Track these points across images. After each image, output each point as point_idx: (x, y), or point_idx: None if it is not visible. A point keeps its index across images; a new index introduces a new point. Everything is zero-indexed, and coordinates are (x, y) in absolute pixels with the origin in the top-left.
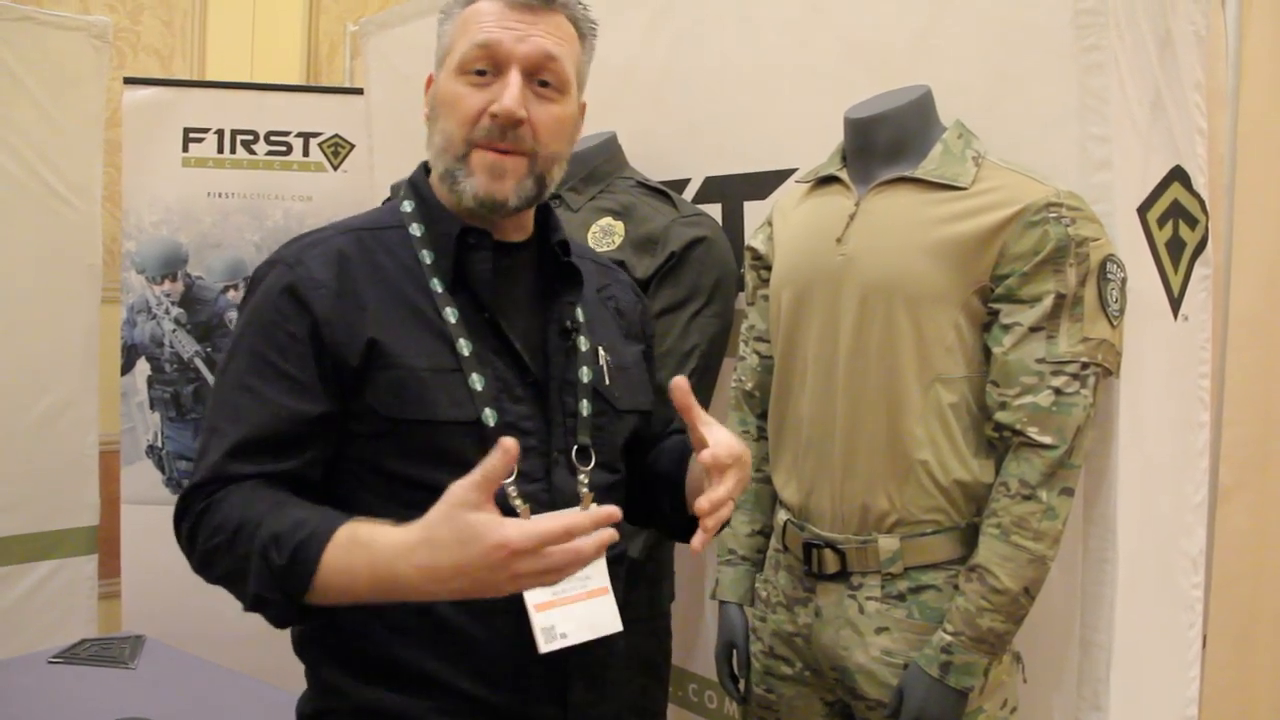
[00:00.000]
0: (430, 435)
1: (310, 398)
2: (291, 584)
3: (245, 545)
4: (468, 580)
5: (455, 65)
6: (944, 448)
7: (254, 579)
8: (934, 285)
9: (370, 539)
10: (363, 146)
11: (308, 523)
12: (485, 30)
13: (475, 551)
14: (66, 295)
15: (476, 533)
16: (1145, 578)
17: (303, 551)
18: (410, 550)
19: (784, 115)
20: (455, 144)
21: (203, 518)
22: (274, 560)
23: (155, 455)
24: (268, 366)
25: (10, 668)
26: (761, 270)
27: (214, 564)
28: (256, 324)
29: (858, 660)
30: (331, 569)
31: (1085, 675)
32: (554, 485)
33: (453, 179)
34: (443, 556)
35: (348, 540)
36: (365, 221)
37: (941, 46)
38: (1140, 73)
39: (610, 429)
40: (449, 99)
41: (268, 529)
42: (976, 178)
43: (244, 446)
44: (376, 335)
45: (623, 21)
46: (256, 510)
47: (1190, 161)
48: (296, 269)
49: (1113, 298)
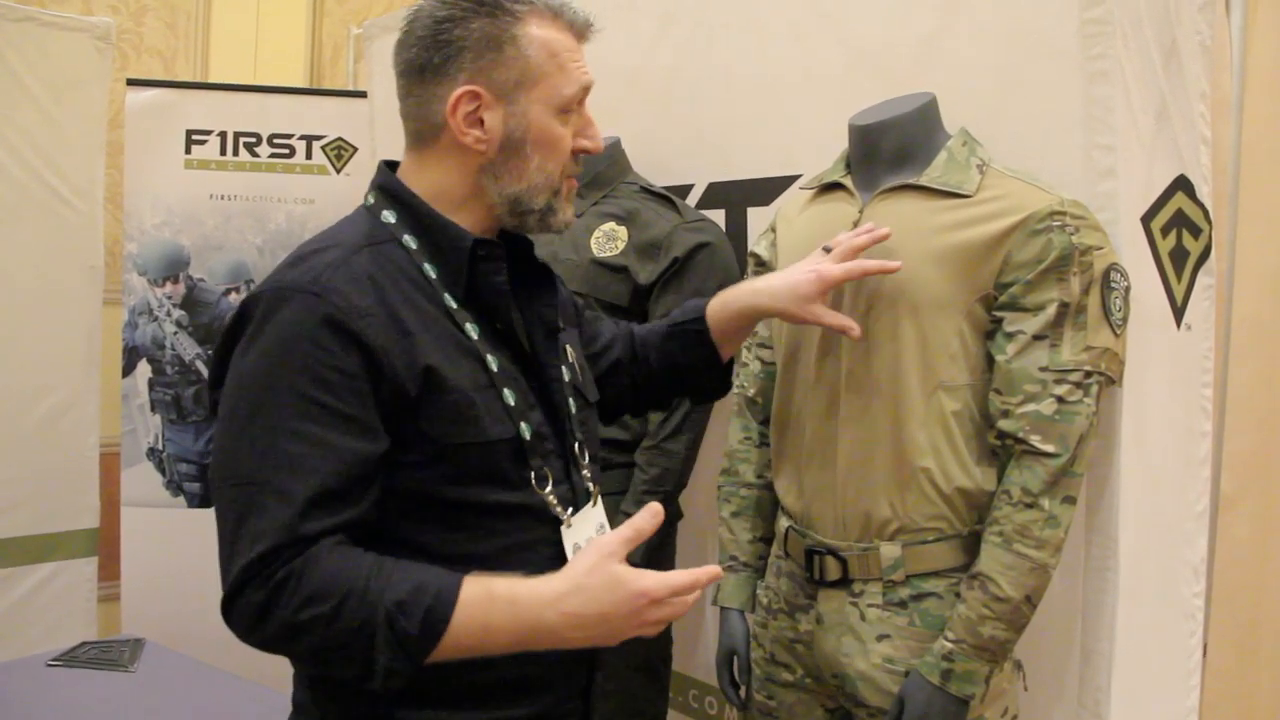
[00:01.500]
0: (480, 456)
1: (374, 436)
2: (422, 650)
3: (359, 615)
4: (607, 626)
5: (557, 104)
6: (946, 455)
7: (383, 651)
8: (937, 292)
9: (511, 593)
10: (365, 150)
11: (428, 585)
12: (584, 75)
13: (620, 598)
14: (68, 297)
15: (623, 581)
16: (1147, 586)
17: (433, 615)
18: (559, 598)
19: (788, 121)
20: (555, 181)
21: (286, 585)
22: (403, 628)
23: (156, 458)
24: (321, 409)
25: (9, 671)
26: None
27: (305, 635)
28: (293, 363)
29: (859, 667)
30: (464, 627)
31: (1086, 683)
32: (573, 486)
33: (549, 212)
34: (591, 604)
35: (484, 596)
36: (361, 237)
37: (946, 54)
38: (1145, 82)
39: (590, 423)
40: (551, 139)
41: (389, 597)
42: (981, 185)
43: (318, 501)
44: (430, 360)
45: (628, 27)
46: (358, 576)
47: (1194, 171)
48: (331, 297)
49: (1116, 306)
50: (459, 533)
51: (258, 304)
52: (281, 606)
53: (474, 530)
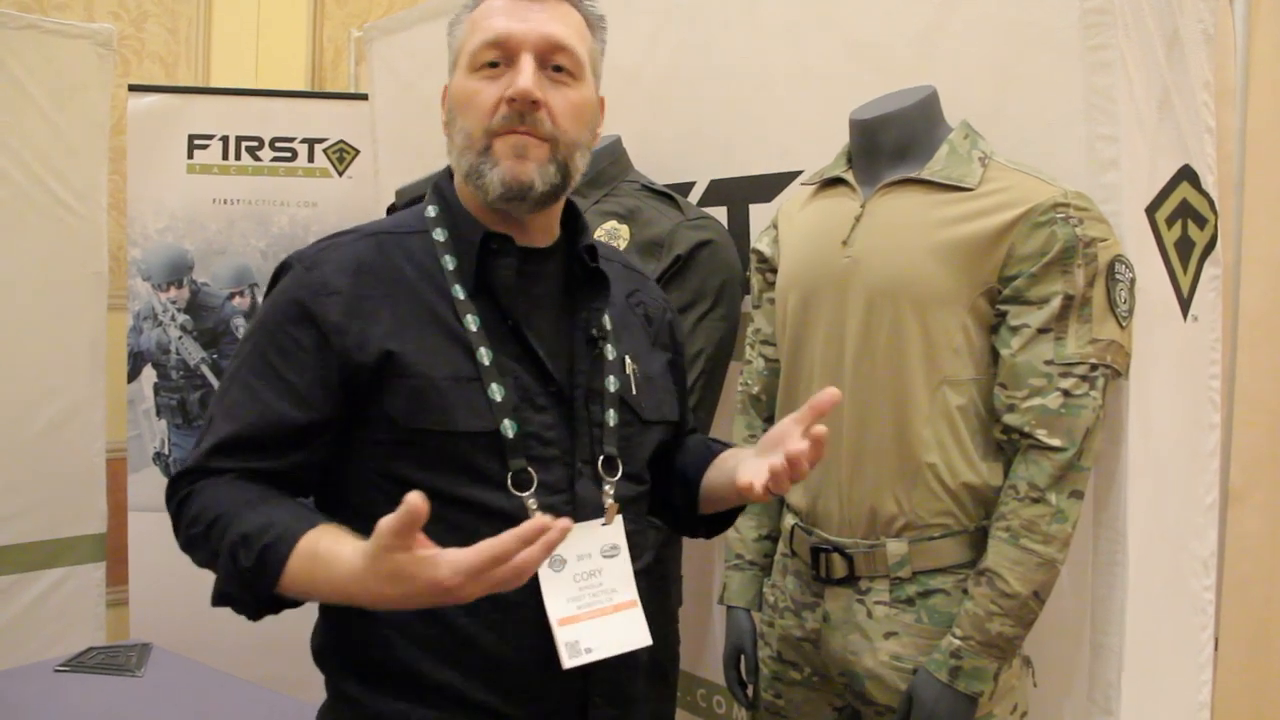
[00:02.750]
0: (449, 446)
1: (301, 405)
2: (258, 586)
3: (216, 541)
4: (414, 604)
5: (467, 63)
6: (952, 451)
7: (222, 576)
8: (941, 287)
9: (330, 557)
10: (368, 152)
11: (274, 525)
12: (494, 24)
13: (408, 589)
14: (72, 302)
15: (408, 573)
16: (1156, 580)
17: (269, 554)
18: (359, 579)
19: (789, 118)
20: (476, 139)
21: (184, 505)
22: (241, 561)
23: (162, 462)
24: (268, 368)
25: (17, 676)
26: (767, 273)
27: (193, 552)
28: (268, 325)
29: (866, 665)
30: (295, 575)
31: (1096, 679)
32: (577, 496)
33: (478, 174)
34: (386, 590)
35: (310, 553)
36: (389, 225)
37: (947, 46)
38: (1148, 72)
39: (637, 439)
40: (464, 96)
41: (237, 529)
42: (983, 178)
43: (230, 442)
44: (392, 344)
45: (628, 24)
46: (230, 505)
47: (1199, 161)
48: (311, 273)
49: (1121, 298)
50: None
51: (278, 269)
52: (181, 520)
53: (443, 522)
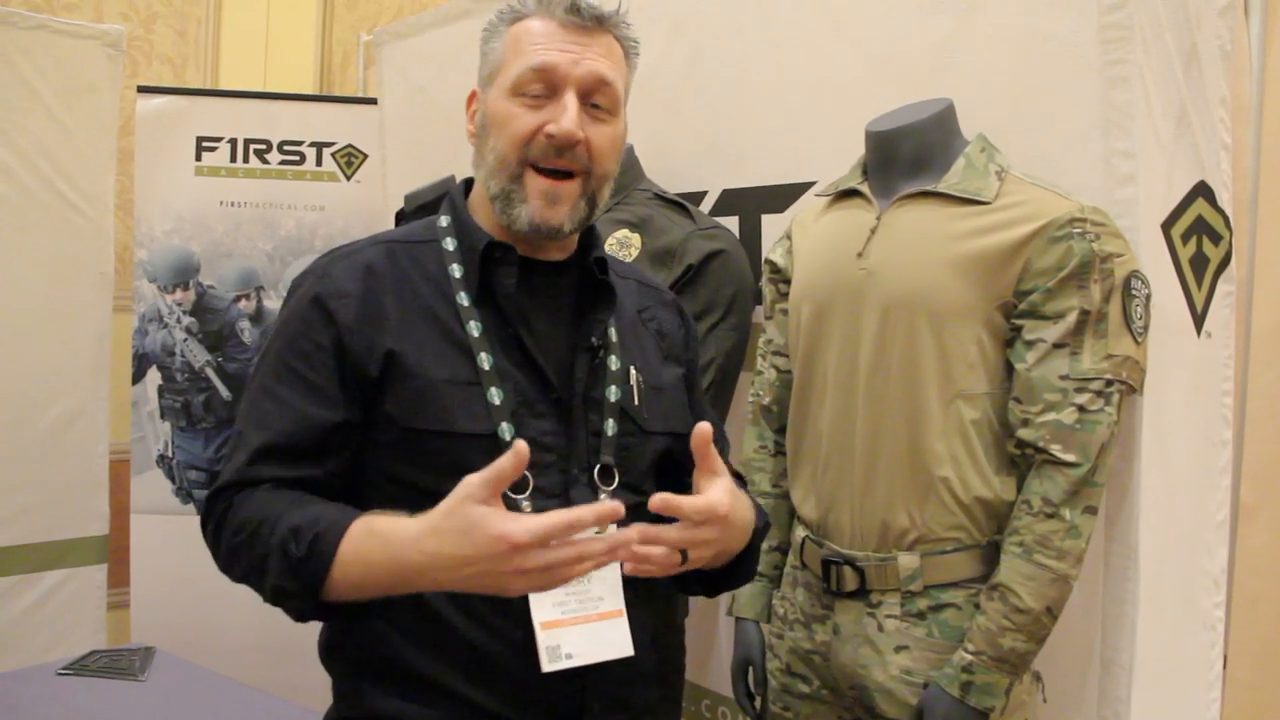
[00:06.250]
0: (446, 447)
1: (331, 405)
2: (309, 575)
3: (265, 541)
4: (473, 570)
5: (509, 86)
6: (965, 464)
7: (273, 571)
8: (956, 300)
9: (386, 529)
10: (376, 156)
11: (325, 516)
12: (540, 53)
13: (478, 541)
14: (78, 303)
15: (478, 524)
16: (1167, 597)
17: (320, 542)
18: (419, 538)
19: (803, 128)
20: (510, 163)
21: (225, 518)
22: (292, 552)
23: (165, 465)
24: (293, 374)
25: (19, 679)
26: (780, 284)
27: (236, 562)
28: (286, 333)
29: (876, 679)
30: (349, 560)
31: (1106, 695)
32: (572, 502)
33: (507, 200)
34: (447, 545)
35: (364, 531)
36: (400, 234)
37: (964, 59)
38: (1165, 87)
39: (637, 450)
40: (502, 118)
41: (286, 523)
42: (1000, 192)
43: (266, 451)
44: (395, 346)
45: (641, 33)
46: (275, 508)
47: (1214, 177)
48: (324, 280)
49: (1137, 314)
50: None
51: (294, 284)
52: (223, 537)
53: None
